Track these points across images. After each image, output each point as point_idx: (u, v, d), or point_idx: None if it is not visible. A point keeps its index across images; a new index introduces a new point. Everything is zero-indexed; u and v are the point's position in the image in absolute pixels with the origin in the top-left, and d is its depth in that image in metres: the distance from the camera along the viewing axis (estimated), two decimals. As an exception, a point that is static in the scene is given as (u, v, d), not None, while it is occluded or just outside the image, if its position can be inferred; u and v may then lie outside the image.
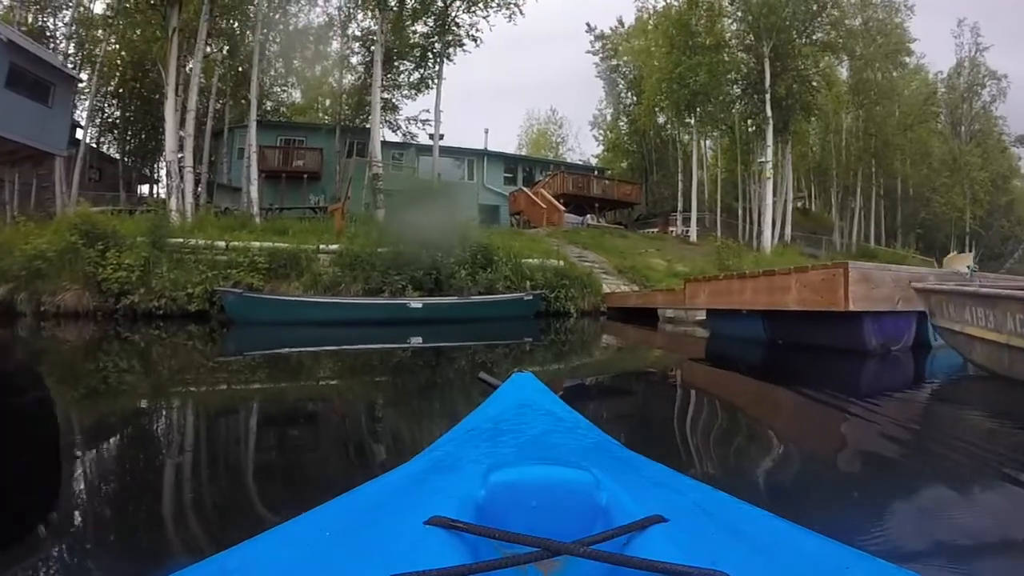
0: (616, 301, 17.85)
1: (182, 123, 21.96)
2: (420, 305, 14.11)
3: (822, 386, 5.64)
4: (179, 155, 21.31)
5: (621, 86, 43.48)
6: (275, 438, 4.11)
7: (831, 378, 6.58)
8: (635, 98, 42.11)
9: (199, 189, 28.42)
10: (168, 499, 2.64)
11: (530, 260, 17.93)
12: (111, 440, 3.95)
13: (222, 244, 15.87)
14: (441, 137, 29.84)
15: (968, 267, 7.60)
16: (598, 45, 43.22)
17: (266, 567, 0.77)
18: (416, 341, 11.20)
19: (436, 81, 28.98)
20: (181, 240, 15.68)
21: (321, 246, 16.79)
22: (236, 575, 0.76)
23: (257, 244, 16.03)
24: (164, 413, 4.89)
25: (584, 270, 19.15)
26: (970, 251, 35.23)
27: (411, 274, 15.54)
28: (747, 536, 0.86)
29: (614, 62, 43.02)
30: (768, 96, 29.23)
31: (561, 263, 18.80)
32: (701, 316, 13.59)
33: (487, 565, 0.70)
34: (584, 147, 65.20)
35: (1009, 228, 45.67)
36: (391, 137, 33.84)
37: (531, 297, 15.89)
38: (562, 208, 30.69)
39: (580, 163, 46.25)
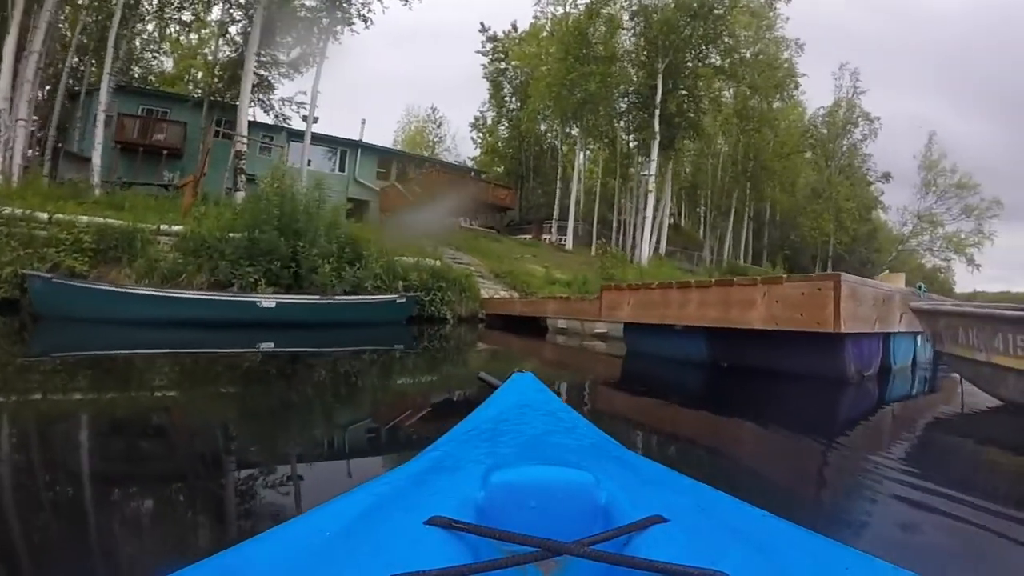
0: (497, 307, 16.29)
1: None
2: (273, 304, 11.65)
3: (814, 423, 4.30)
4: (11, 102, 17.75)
5: (506, 90, 42.10)
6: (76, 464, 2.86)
7: (813, 409, 5.18)
8: (519, 103, 40.91)
9: (44, 155, 25.03)
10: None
11: (404, 258, 16.00)
12: None
13: (44, 216, 12.93)
14: (315, 121, 27.39)
15: (919, 286, 6.49)
16: (489, 47, 41.66)
17: (266, 567, 0.74)
18: (267, 346, 9.21)
19: (317, 59, 26.56)
20: (-9, 208, 12.55)
21: (163, 226, 14.14)
22: (237, 574, 0.74)
23: (85, 219, 13.21)
24: None
25: (462, 272, 17.46)
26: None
27: (267, 266, 13.29)
28: (747, 536, 0.83)
29: (503, 65, 41.57)
30: (658, 111, 28.86)
31: (438, 263, 16.98)
32: (602, 328, 12.18)
33: (487, 565, 0.69)
34: (461, 149, 63.04)
35: (867, 255, 47.52)
36: (262, 118, 31.11)
37: (404, 300, 13.87)
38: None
39: (456, 163, 44.25)
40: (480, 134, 46.48)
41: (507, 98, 42.55)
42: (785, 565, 0.76)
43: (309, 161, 27.30)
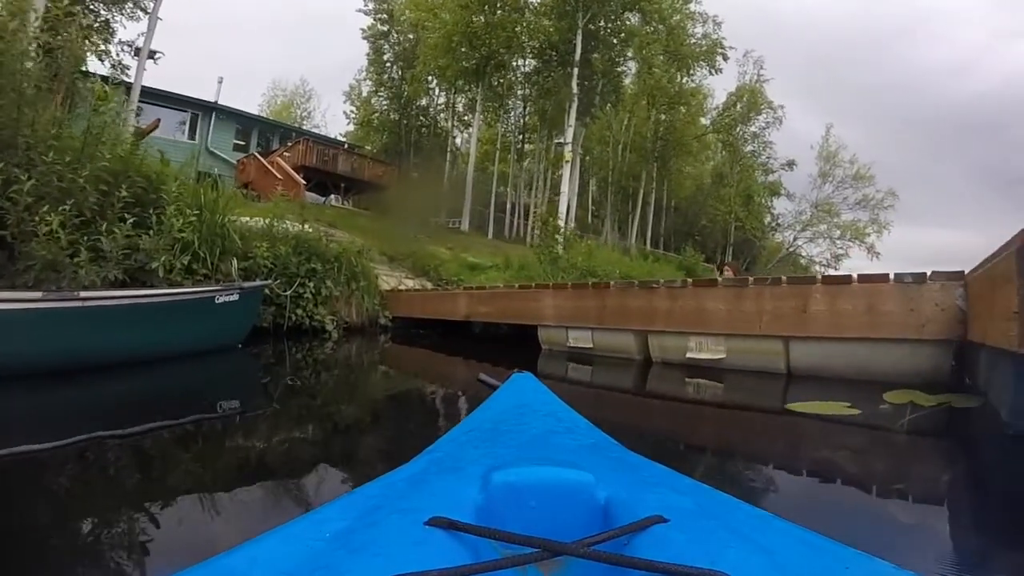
0: (415, 308, 9.35)
1: None
2: None
3: None
4: None
5: (388, 55, 34.07)
6: None
7: None
8: (401, 72, 33.20)
9: None
10: None
11: (249, 220, 8.32)
12: None
13: None
14: (152, 56, 18.50)
15: None
16: (372, 5, 33.31)
17: (267, 567, 0.69)
18: None
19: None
20: None
21: None
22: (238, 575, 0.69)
23: None
24: None
25: (348, 247, 9.86)
26: (735, 260, 34.12)
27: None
28: (747, 536, 0.77)
29: (386, 28, 33.52)
30: (576, 71, 22.64)
31: (308, 228, 9.27)
32: (709, 354, 5.46)
33: (487, 565, 0.65)
34: (332, 127, 52.52)
35: (761, 242, 43.78)
36: (99, 69, 21.72)
37: (236, 296, 6.03)
38: (302, 182, 21.92)
39: (327, 137, 35.59)
40: (354, 106, 37.99)
41: (388, 63, 34.43)
42: (785, 565, 0.69)
43: (139, 108, 18.27)
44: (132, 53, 20.06)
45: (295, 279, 8.13)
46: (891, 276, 4.56)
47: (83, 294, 5.02)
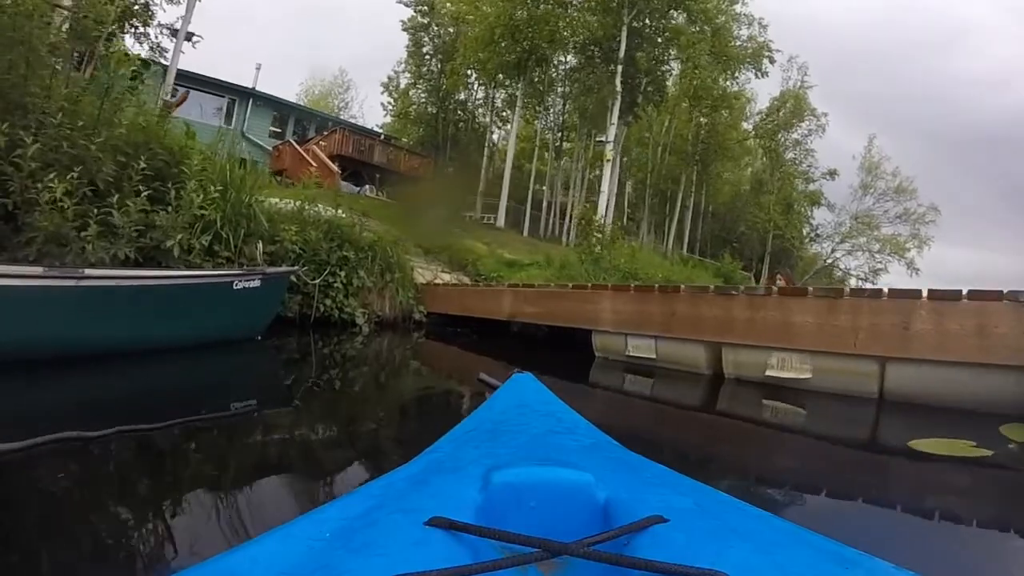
0: (453, 304, 8.54)
1: None
2: None
3: None
4: None
5: (428, 48, 33.54)
6: None
7: None
8: (440, 65, 32.72)
9: None
10: None
11: (278, 202, 7.76)
12: None
13: None
14: (189, 39, 17.95)
15: None
16: (413, -2, 32.77)
17: (267, 567, 0.67)
18: None
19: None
20: None
21: None
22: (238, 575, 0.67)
23: None
24: None
25: (385, 237, 9.19)
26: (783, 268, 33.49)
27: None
28: (747, 536, 0.75)
29: (426, 20, 32.99)
30: (620, 67, 21.88)
31: (341, 213, 8.67)
32: (795, 372, 4.66)
33: (487, 565, 0.64)
34: (369, 118, 51.39)
35: (797, 252, 42.26)
36: (136, 51, 21.21)
37: (257, 283, 5.30)
38: (337, 171, 21.20)
39: (364, 127, 34.92)
40: (392, 98, 37.41)
41: (428, 56, 33.91)
42: (785, 565, 0.67)
43: (174, 90, 17.70)
44: (170, 35, 19.61)
45: (325, 267, 7.51)
46: (1004, 293, 3.89)
47: (87, 271, 4.41)
